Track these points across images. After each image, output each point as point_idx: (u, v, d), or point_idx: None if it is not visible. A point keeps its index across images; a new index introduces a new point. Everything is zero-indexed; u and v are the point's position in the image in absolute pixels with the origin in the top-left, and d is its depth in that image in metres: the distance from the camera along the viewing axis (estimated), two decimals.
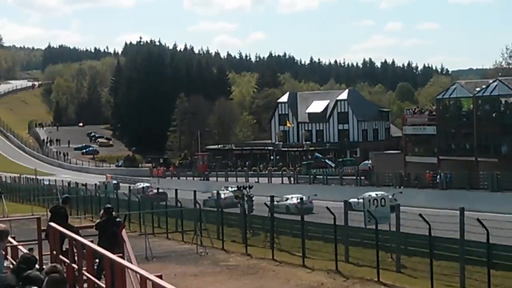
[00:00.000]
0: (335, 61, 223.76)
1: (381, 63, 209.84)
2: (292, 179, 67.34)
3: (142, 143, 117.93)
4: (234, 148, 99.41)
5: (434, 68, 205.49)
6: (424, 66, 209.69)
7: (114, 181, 66.56)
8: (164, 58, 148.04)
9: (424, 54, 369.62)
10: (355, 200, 39.31)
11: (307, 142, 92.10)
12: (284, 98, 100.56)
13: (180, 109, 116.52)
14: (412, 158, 59.59)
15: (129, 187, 60.97)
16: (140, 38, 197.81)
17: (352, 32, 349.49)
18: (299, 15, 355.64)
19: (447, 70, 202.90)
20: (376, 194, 33.95)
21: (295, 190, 53.41)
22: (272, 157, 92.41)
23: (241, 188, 36.92)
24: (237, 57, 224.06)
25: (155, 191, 58.31)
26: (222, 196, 48.24)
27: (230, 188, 51.63)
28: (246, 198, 34.89)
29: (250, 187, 37.41)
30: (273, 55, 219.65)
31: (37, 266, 7.98)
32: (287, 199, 45.23)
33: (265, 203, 30.52)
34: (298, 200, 40.94)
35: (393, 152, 69.96)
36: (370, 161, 67.76)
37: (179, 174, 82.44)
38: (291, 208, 42.17)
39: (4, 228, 7.84)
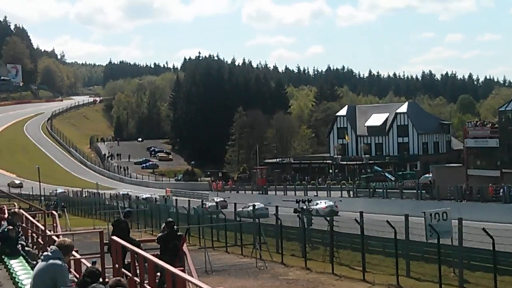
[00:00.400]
0: (394, 74, 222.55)
1: (442, 75, 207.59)
2: (351, 192, 66.79)
3: (201, 157, 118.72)
4: (292, 161, 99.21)
5: (495, 79, 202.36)
6: (486, 78, 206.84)
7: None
8: (223, 72, 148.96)
9: (485, 66, 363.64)
10: None
11: (366, 156, 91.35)
12: (343, 112, 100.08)
13: (238, 123, 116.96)
14: (474, 171, 58.51)
15: (188, 200, 61.33)
16: (199, 53, 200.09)
17: (411, 44, 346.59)
18: (358, 28, 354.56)
19: (510, 82, 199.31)
20: None
21: (354, 203, 52.99)
22: (330, 171, 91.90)
23: (299, 201, 36.73)
24: (295, 71, 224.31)
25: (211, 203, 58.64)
26: (208, 204, 54.93)
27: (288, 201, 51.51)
28: (304, 212, 34.71)
29: (309, 201, 37.25)
30: (332, 68, 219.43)
31: (100, 279, 8.05)
32: (317, 203, 50.55)
33: (324, 217, 30.32)
34: (326, 205, 50.31)
35: (455, 165, 68.86)
36: (430, 175, 66.65)
37: (238, 188, 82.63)
38: (320, 211, 46.42)
39: (69, 242, 7.97)
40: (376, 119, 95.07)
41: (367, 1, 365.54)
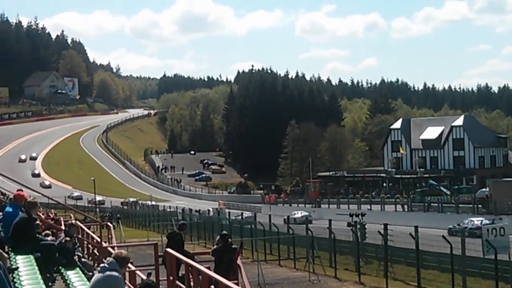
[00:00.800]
0: (450, 87, 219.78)
1: (499, 88, 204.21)
2: (405, 206, 66.00)
3: (254, 170, 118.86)
4: (346, 175, 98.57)
5: None
6: None
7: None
8: (276, 85, 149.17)
9: None
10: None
11: (421, 169, 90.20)
12: (397, 125, 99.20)
13: (291, 136, 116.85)
14: None
15: (241, 213, 61.32)
16: (252, 66, 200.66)
17: (467, 57, 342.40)
18: (413, 41, 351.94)
19: None
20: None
21: (408, 218, 52.23)
22: (384, 184, 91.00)
23: (353, 215, 36.39)
24: (349, 83, 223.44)
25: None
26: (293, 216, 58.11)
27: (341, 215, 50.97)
28: (358, 226, 34.37)
29: (363, 215, 36.83)
30: (386, 81, 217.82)
31: None
32: (295, 213, 61.40)
33: (378, 231, 29.95)
34: (302, 215, 60.47)
35: None
36: (487, 189, 65.44)
37: (291, 201, 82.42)
38: (297, 220, 55.11)
39: (125, 254, 7.99)
40: (431, 132, 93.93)
41: (422, 13, 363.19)
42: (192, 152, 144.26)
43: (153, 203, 78.67)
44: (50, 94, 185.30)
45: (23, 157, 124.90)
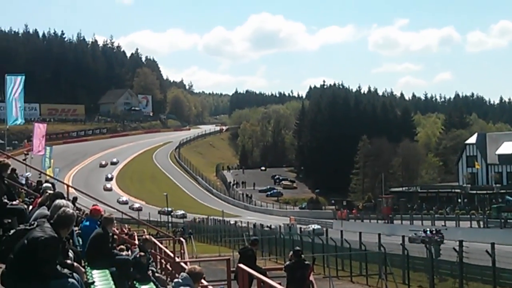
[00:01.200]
0: None
1: None
2: (481, 223, 64.51)
3: (326, 185, 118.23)
4: (419, 190, 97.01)
5: None
6: None
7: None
8: (348, 100, 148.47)
9: None
10: None
11: (497, 185, 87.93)
12: (472, 139, 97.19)
13: (363, 151, 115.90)
14: None
15: (313, 229, 61.08)
16: (324, 81, 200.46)
17: None
18: (488, 54, 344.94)
19: None
20: None
21: (484, 234, 50.98)
22: (459, 200, 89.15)
23: (427, 231, 35.79)
24: (422, 98, 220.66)
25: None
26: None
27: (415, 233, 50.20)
28: (432, 242, 33.79)
29: (438, 231, 36.24)
30: (460, 95, 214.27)
31: None
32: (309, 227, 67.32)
33: (453, 248, 29.34)
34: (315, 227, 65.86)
35: None
36: None
37: (363, 217, 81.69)
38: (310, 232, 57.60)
39: (199, 270, 8.04)
40: (508, 147, 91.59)
41: (498, 26, 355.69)
42: (263, 168, 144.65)
43: (222, 218, 79.02)
44: (124, 111, 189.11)
45: (103, 162, 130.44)
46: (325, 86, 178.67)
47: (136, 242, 16.66)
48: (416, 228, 54.86)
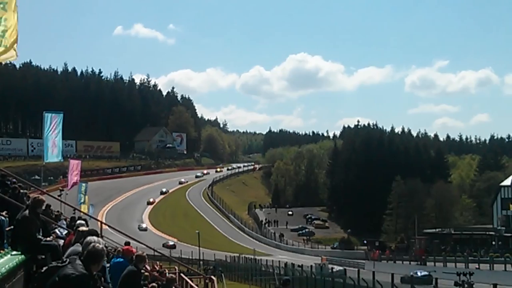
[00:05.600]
0: None
1: None
2: None
3: (358, 225, 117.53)
4: (453, 232, 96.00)
5: None
6: None
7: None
8: (382, 140, 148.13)
9: None
10: None
11: None
12: (508, 182, 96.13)
13: (396, 191, 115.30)
14: None
15: (344, 269, 60.69)
16: (358, 121, 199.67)
17: None
18: None
19: None
20: None
21: None
22: (493, 243, 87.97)
23: (460, 274, 35.39)
24: (457, 139, 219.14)
25: None
26: None
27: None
28: (466, 285, 33.43)
29: (471, 274, 35.79)
30: (495, 137, 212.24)
31: None
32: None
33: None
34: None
35: None
36: None
37: (395, 258, 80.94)
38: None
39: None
40: None
41: None
42: (290, 212, 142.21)
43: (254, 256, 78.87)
44: (159, 148, 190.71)
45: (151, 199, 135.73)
46: (359, 126, 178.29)
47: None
48: (450, 271, 54.21)
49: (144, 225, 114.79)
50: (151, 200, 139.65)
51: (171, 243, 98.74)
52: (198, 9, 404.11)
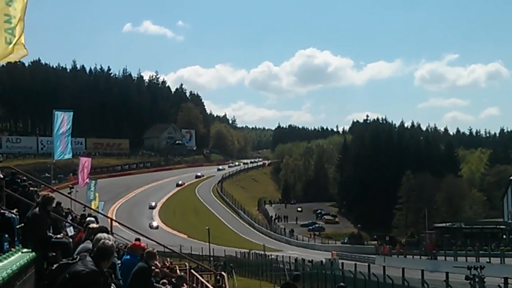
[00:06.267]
0: None
1: None
2: None
3: (368, 220, 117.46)
4: (463, 226, 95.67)
5: None
6: None
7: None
8: (392, 135, 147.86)
9: None
10: None
11: None
12: None
13: (406, 186, 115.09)
14: None
15: (355, 264, 60.62)
16: (367, 116, 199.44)
17: None
18: None
19: None
20: None
21: None
22: (504, 236, 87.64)
23: (471, 268, 35.22)
24: (467, 133, 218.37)
25: None
26: None
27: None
28: (477, 279, 33.27)
29: (482, 268, 35.63)
30: (505, 130, 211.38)
31: None
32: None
33: (498, 285, 28.94)
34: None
35: None
36: None
37: (406, 253, 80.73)
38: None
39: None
40: None
41: None
42: (299, 209, 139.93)
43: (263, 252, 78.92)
44: (168, 145, 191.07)
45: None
46: (368, 121, 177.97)
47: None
48: (460, 265, 53.98)
49: (155, 224, 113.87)
50: (180, 182, 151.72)
51: (154, 224, 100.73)
52: (207, 5, 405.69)
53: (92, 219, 13.15)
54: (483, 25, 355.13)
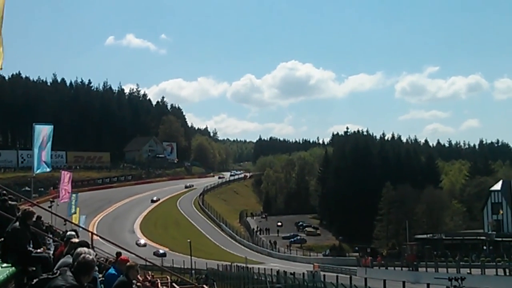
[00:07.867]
0: None
1: None
2: (507, 270, 63.69)
3: (349, 232, 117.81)
4: (444, 237, 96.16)
5: None
6: None
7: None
8: (372, 147, 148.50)
9: None
10: None
11: None
12: (497, 186, 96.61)
13: (387, 198, 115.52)
14: None
15: (336, 276, 60.70)
16: (347, 128, 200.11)
17: None
18: None
19: None
20: None
21: (510, 282, 50.45)
22: (485, 247, 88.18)
23: (452, 279, 35.46)
24: (447, 145, 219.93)
25: None
26: None
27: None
28: None
29: (463, 279, 35.85)
30: (484, 142, 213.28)
31: None
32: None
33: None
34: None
35: None
36: None
37: (387, 264, 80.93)
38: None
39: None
40: None
41: None
42: (279, 223, 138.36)
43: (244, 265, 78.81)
44: (149, 158, 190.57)
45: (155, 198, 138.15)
46: (348, 133, 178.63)
47: None
48: (441, 276, 54.20)
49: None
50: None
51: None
52: (190, 19, 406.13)
53: (73, 233, 13.12)
54: (463, 38, 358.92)
